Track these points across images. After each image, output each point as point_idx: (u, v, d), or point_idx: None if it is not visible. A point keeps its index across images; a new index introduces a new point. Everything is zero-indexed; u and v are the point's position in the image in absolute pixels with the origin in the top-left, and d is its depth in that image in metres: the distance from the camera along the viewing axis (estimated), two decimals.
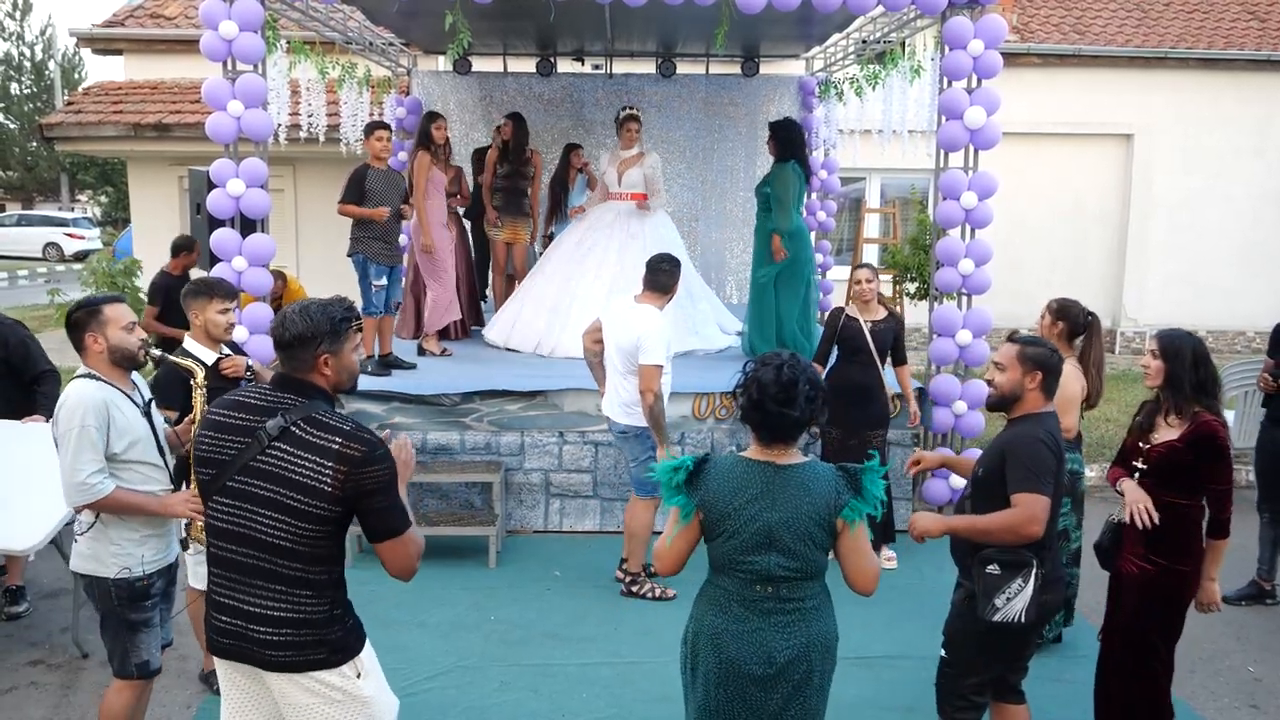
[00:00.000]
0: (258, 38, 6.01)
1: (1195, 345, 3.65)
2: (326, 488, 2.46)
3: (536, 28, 8.69)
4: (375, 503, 2.52)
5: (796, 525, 2.62)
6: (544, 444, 6.45)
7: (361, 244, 6.72)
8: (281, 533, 2.50)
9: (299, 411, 2.54)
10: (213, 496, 2.59)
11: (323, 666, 2.57)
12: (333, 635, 2.59)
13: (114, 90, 12.48)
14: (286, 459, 2.49)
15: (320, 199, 11.88)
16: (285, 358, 2.62)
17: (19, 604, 5.21)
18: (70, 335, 3.43)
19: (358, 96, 8.90)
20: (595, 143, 10.12)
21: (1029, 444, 3.24)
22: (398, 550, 2.58)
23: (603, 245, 7.81)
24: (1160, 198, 13.35)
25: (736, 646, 2.67)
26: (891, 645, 4.87)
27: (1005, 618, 3.19)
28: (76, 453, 3.26)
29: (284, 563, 2.52)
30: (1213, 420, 3.56)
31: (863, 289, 5.83)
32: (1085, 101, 13.03)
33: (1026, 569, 3.18)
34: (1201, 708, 4.40)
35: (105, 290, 8.72)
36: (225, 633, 2.59)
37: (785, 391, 2.61)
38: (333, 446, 2.48)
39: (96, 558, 3.41)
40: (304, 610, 2.54)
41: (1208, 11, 13.85)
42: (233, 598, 2.58)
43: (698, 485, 2.70)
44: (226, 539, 2.58)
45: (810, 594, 2.70)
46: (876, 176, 13.46)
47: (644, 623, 5.09)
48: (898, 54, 7.86)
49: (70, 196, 35.40)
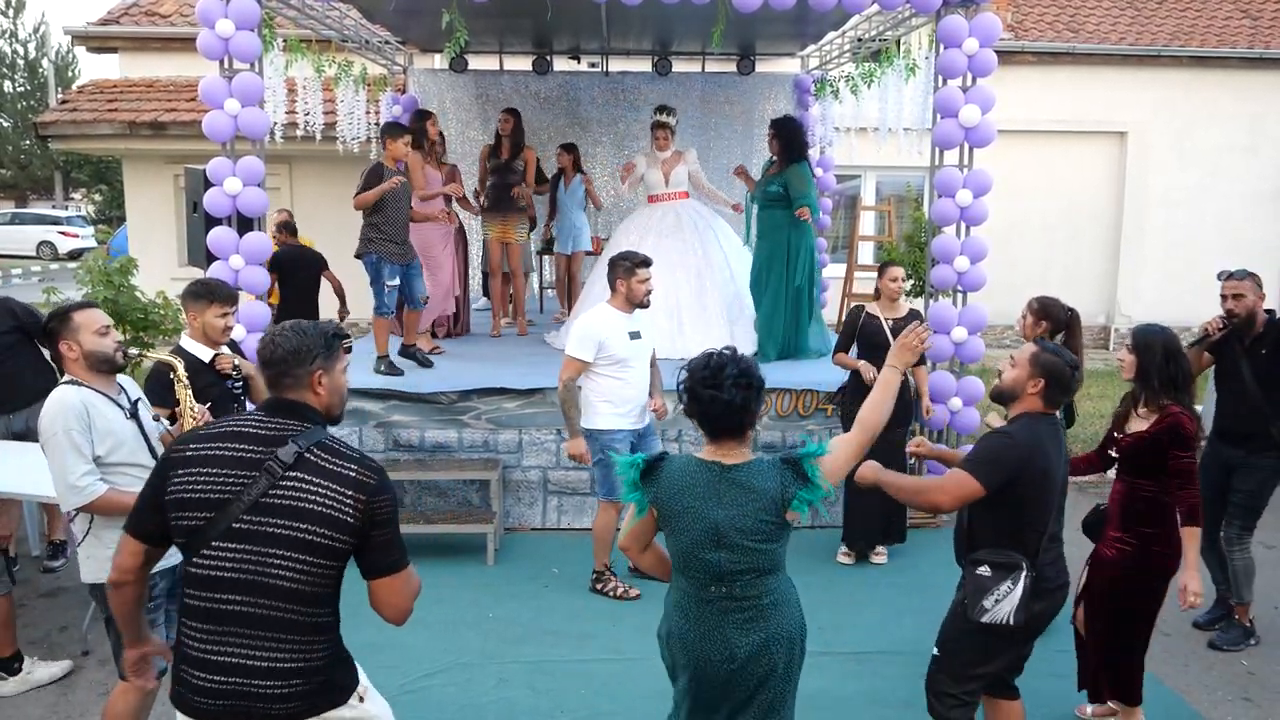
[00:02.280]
0: (254, 36, 6.02)
1: (1167, 340, 3.88)
2: (348, 519, 2.31)
3: (533, 26, 8.70)
4: (382, 535, 2.37)
5: (743, 523, 2.68)
6: (542, 441, 6.46)
7: (374, 244, 6.63)
8: (297, 574, 2.30)
9: (310, 437, 2.36)
10: (210, 542, 2.31)
11: (332, 706, 2.45)
12: (338, 674, 2.47)
13: (109, 88, 12.47)
14: (304, 490, 2.30)
15: (317, 197, 11.88)
16: (275, 378, 2.44)
17: (58, 559, 5.68)
18: (48, 347, 3.43)
19: (354, 95, 8.91)
20: (591, 140, 10.14)
21: (995, 436, 3.35)
22: (396, 587, 2.41)
23: (679, 249, 7.59)
24: (1154, 195, 13.40)
25: (701, 646, 2.76)
26: (888, 642, 4.89)
27: (993, 619, 3.19)
28: (63, 457, 3.27)
29: (297, 608, 2.33)
30: (1179, 412, 3.77)
31: (893, 287, 5.86)
32: (1079, 99, 13.07)
33: (1016, 572, 3.18)
34: (1196, 701, 4.43)
35: (101, 289, 8.70)
36: (217, 694, 2.33)
37: (713, 375, 2.70)
38: (350, 474, 2.34)
39: (98, 564, 3.38)
40: (314, 657, 2.38)
41: (1200, 9, 13.90)
42: (228, 654, 2.32)
43: (651, 483, 2.80)
44: (223, 589, 2.30)
45: (766, 590, 2.76)
46: (872, 174, 13.49)
47: (642, 619, 5.10)
48: (893, 52, 7.89)
49: (64, 195, 35.32)
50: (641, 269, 5.24)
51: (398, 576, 2.42)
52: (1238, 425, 4.84)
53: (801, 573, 5.70)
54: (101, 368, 3.41)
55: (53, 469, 3.31)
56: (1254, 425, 4.79)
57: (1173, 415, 3.77)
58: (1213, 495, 4.80)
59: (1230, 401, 4.90)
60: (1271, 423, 4.76)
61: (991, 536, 3.26)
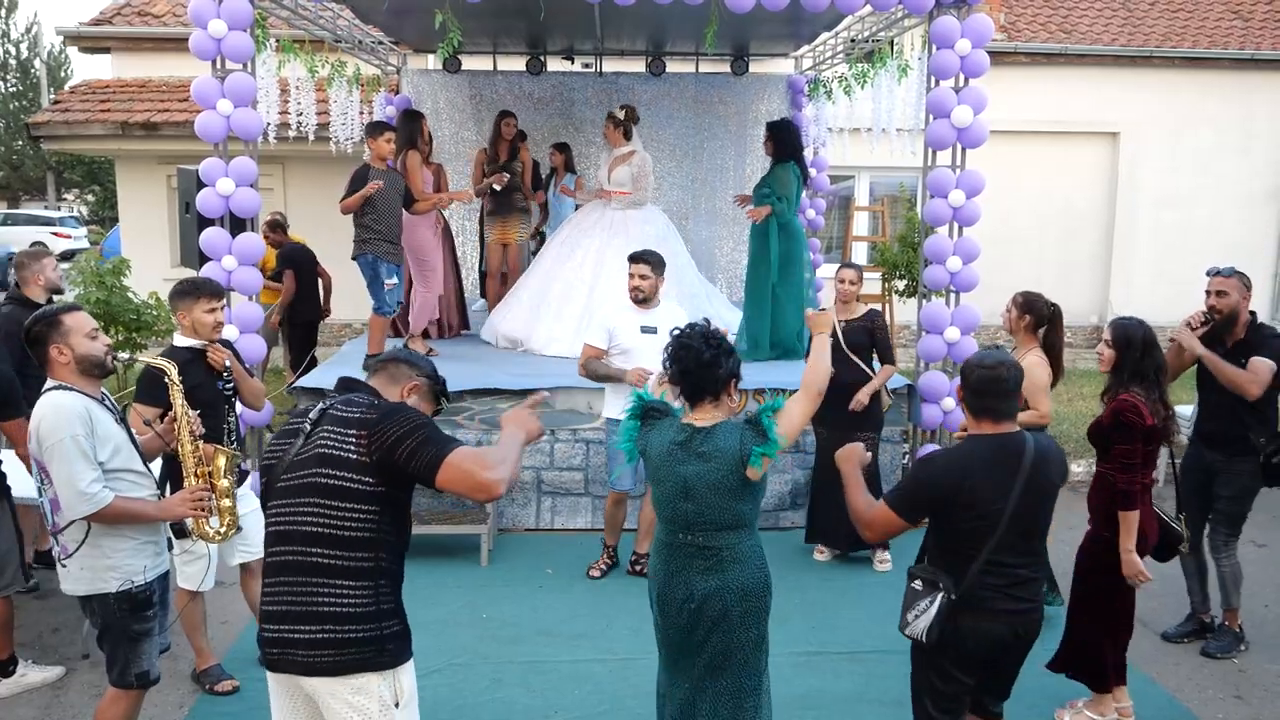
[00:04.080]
0: (247, 36, 6.01)
1: (1145, 333, 4.03)
2: (351, 455, 2.44)
3: (527, 26, 8.70)
4: (404, 449, 2.42)
5: (709, 479, 3.06)
6: (536, 442, 6.45)
7: (370, 244, 6.64)
8: (322, 517, 2.46)
9: (339, 395, 2.59)
10: (268, 503, 2.60)
11: (362, 669, 2.48)
12: (376, 632, 2.50)
13: (102, 89, 12.44)
14: (321, 439, 2.50)
15: (310, 198, 11.85)
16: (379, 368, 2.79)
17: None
18: (32, 351, 3.29)
19: (347, 95, 8.89)
20: (585, 140, 10.14)
21: (919, 464, 3.38)
22: (452, 473, 2.40)
23: (584, 243, 7.84)
24: (1146, 195, 13.44)
25: (668, 585, 3.17)
26: (882, 641, 4.90)
27: (913, 634, 3.17)
28: (71, 463, 3.16)
29: (321, 551, 2.47)
30: (1129, 398, 3.90)
31: (844, 289, 5.81)
32: (1071, 100, 13.10)
33: (935, 592, 3.12)
34: (1187, 699, 4.45)
35: (94, 290, 8.69)
36: (272, 642, 2.55)
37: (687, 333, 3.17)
38: (355, 415, 2.50)
39: (94, 574, 3.32)
40: (344, 603, 2.46)
41: (1192, 11, 13.95)
42: (277, 602, 2.54)
43: (642, 436, 3.27)
44: (275, 542, 2.56)
45: (728, 544, 3.11)
46: (865, 175, 13.50)
47: (636, 620, 5.10)
48: (886, 53, 7.90)
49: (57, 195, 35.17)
50: (631, 264, 5.48)
51: (446, 466, 2.41)
52: (1218, 428, 4.80)
53: (796, 571, 5.78)
54: (93, 372, 3.32)
55: (58, 477, 3.19)
56: (1233, 430, 4.75)
57: (1121, 400, 3.92)
58: (1194, 498, 4.81)
59: (1211, 405, 4.86)
60: (1250, 428, 4.72)
61: (934, 553, 3.25)
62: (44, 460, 3.23)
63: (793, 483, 6.51)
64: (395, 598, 2.59)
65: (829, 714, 4.26)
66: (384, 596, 2.53)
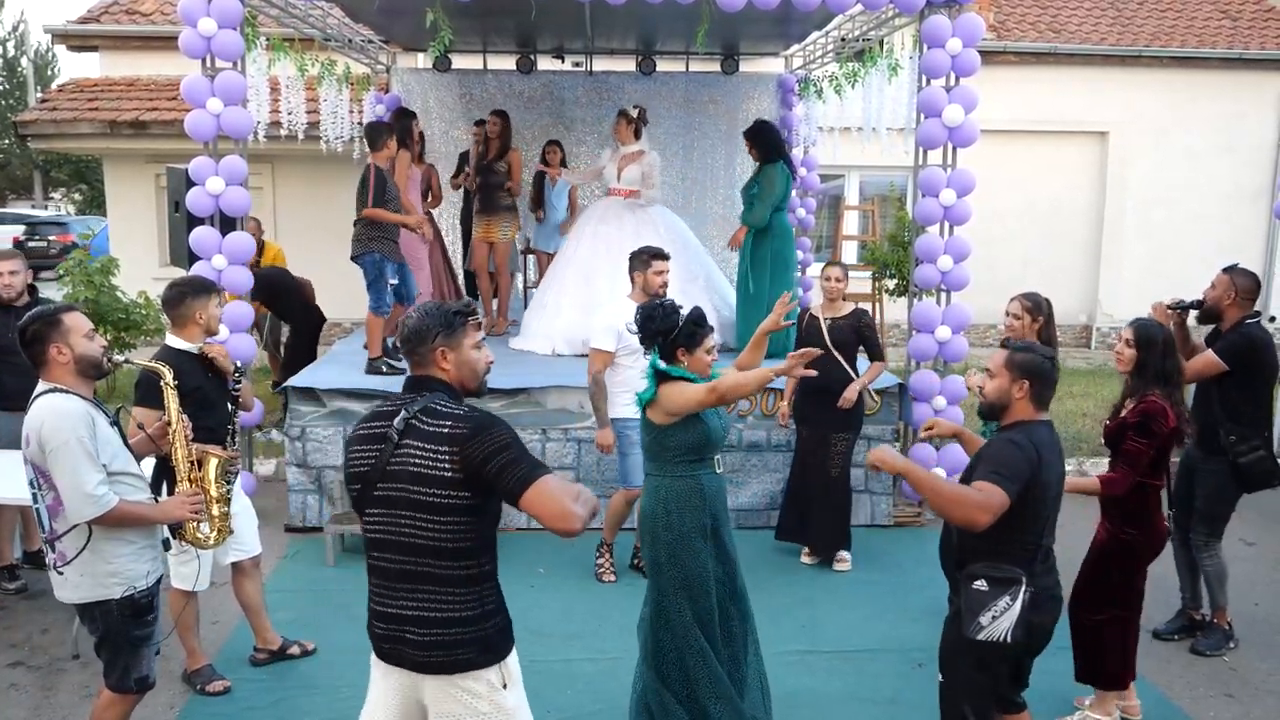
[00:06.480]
0: (237, 35, 5.99)
1: (1166, 336, 4.00)
2: (446, 474, 2.49)
3: (517, 25, 8.68)
4: (493, 465, 2.47)
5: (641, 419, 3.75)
6: (527, 442, 6.38)
7: (376, 243, 6.60)
8: (421, 531, 2.53)
9: (419, 404, 2.57)
10: (365, 510, 2.63)
11: (471, 667, 2.59)
12: (482, 633, 2.61)
13: (90, 87, 12.37)
14: (411, 454, 2.52)
15: (300, 197, 11.82)
16: (408, 357, 2.69)
17: None
18: (28, 351, 3.21)
19: (337, 94, 8.87)
20: (575, 139, 10.11)
21: (1001, 444, 3.14)
22: (537, 498, 2.45)
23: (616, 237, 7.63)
24: (1135, 194, 13.49)
25: None
26: (871, 639, 4.91)
27: (990, 636, 3.03)
28: (76, 466, 3.10)
29: (428, 562, 2.55)
30: (1158, 400, 3.85)
31: (830, 287, 5.79)
32: (1061, 99, 13.15)
33: (1015, 586, 3.02)
34: (1177, 698, 4.46)
35: (83, 289, 8.65)
36: (385, 638, 2.65)
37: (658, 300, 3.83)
38: (443, 430, 2.51)
39: (96, 580, 3.26)
40: (452, 609, 2.57)
41: (1181, 10, 14.02)
42: (386, 604, 2.62)
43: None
44: (377, 548, 2.63)
45: (648, 474, 3.78)
46: (856, 174, 13.53)
47: (628, 619, 5.09)
48: (876, 52, 7.91)
49: (44, 194, 34.98)
50: (656, 261, 5.36)
51: (534, 488, 2.46)
52: (1197, 424, 4.74)
53: (787, 570, 5.78)
54: (90, 373, 3.27)
55: (63, 480, 3.12)
56: (1207, 426, 4.76)
57: (1147, 403, 3.86)
58: (1181, 495, 4.80)
59: (1195, 400, 4.88)
60: (1221, 424, 4.74)
61: (986, 549, 3.09)
62: (45, 464, 3.15)
63: (784, 481, 6.51)
64: (497, 596, 2.70)
65: (820, 714, 4.26)
66: (488, 599, 2.65)
